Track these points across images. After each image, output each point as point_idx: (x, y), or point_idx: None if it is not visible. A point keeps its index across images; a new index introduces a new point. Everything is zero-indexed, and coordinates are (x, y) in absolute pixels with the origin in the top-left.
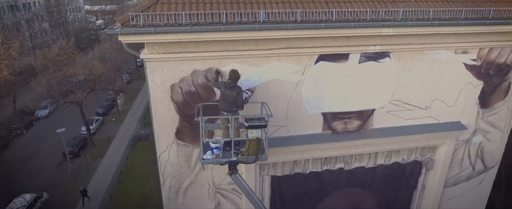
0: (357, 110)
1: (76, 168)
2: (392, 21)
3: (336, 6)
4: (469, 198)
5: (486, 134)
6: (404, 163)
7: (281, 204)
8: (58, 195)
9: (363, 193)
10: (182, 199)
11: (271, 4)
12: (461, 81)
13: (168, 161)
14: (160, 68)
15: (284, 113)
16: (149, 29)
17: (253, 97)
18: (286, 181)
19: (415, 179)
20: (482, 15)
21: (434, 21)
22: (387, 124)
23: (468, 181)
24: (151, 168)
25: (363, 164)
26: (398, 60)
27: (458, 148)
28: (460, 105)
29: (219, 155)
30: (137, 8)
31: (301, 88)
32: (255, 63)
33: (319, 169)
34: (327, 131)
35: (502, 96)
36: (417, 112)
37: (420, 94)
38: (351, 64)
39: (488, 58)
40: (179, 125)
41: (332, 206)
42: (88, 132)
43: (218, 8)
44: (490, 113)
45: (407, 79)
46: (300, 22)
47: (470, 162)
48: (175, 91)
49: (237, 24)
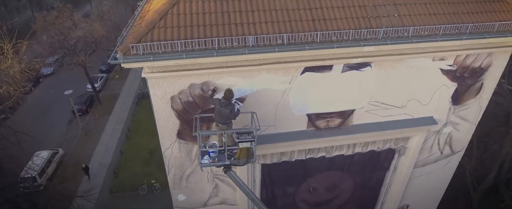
0: (338, 110)
1: (86, 125)
2: (373, 40)
3: (322, 24)
4: (436, 176)
5: (455, 125)
6: (379, 150)
7: (270, 186)
8: (72, 151)
9: (341, 175)
10: (185, 183)
11: (261, 24)
12: (436, 84)
13: (172, 156)
14: (160, 84)
15: (273, 115)
16: (148, 57)
17: (244, 105)
18: (275, 168)
19: (388, 163)
20: (460, 30)
21: (413, 39)
22: (365, 121)
23: (436, 163)
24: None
25: (342, 152)
26: (379, 68)
27: (429, 138)
28: (433, 103)
29: (215, 159)
30: (136, 34)
31: (288, 95)
32: (246, 76)
33: (304, 157)
34: (311, 128)
35: (474, 94)
36: (393, 110)
37: (397, 95)
38: (335, 73)
39: (464, 63)
40: (180, 127)
41: (314, 186)
42: (94, 91)
43: (211, 31)
44: (461, 108)
45: (386, 83)
46: (286, 44)
47: (439, 148)
48: (175, 102)
49: (228, 49)
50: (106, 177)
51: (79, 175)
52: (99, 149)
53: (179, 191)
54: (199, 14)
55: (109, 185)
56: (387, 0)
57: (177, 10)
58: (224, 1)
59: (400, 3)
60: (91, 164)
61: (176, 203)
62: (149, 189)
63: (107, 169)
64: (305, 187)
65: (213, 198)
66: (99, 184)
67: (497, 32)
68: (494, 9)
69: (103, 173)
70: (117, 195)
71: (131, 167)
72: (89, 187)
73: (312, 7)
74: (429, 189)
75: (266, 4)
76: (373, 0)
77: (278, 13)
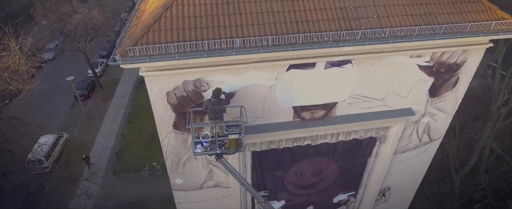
0: (322, 103)
1: (88, 109)
2: (352, 41)
3: (304, 26)
4: (415, 161)
5: (433, 116)
6: (361, 139)
7: (260, 171)
8: (76, 135)
9: (326, 161)
10: (182, 169)
11: (247, 27)
12: (414, 78)
13: (169, 144)
14: (156, 81)
15: (261, 107)
16: (144, 59)
17: (234, 98)
18: (264, 155)
19: (370, 150)
20: (433, 31)
21: (389, 39)
22: (348, 112)
23: (415, 149)
24: None
25: (327, 140)
26: (359, 65)
27: (408, 127)
28: (412, 95)
29: (208, 148)
30: (132, 37)
31: (275, 90)
32: (236, 73)
33: (291, 145)
34: (297, 119)
35: (450, 88)
36: (374, 102)
37: (377, 89)
38: (318, 70)
39: (440, 60)
40: (175, 119)
41: (301, 170)
42: (95, 76)
43: (202, 33)
44: (438, 100)
45: (366, 78)
46: (271, 46)
47: (417, 136)
48: (170, 96)
49: (217, 51)
50: (109, 159)
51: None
52: (102, 133)
53: (177, 176)
54: (190, 17)
55: (113, 167)
56: (367, 2)
57: (170, 13)
58: (214, 5)
59: (379, 4)
60: (94, 147)
61: (174, 186)
62: (150, 171)
63: (110, 152)
64: (292, 171)
65: (208, 182)
66: (103, 166)
67: (470, 32)
68: (469, 10)
69: (106, 156)
70: (120, 177)
71: (133, 150)
72: (93, 169)
73: (296, 9)
74: (409, 173)
75: (253, 7)
76: (354, 2)
77: (264, 16)
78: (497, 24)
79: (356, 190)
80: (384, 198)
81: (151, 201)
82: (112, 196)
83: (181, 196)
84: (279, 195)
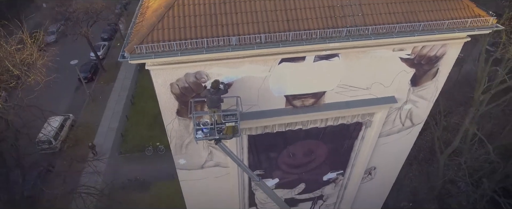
0: (312, 92)
1: (92, 92)
2: (337, 38)
3: (295, 24)
4: (398, 144)
5: (415, 103)
6: (348, 123)
7: (256, 152)
8: (82, 116)
9: (316, 143)
10: (185, 150)
11: (243, 25)
12: (396, 69)
13: (173, 129)
14: (161, 73)
15: (256, 96)
16: (150, 55)
17: (231, 88)
18: (259, 138)
19: (357, 133)
20: (413, 28)
21: (371, 36)
22: (335, 100)
23: (398, 133)
24: None
25: (316, 125)
26: (345, 58)
27: (391, 113)
28: (394, 85)
29: (207, 134)
30: (139, 36)
31: (268, 81)
32: (232, 66)
33: (283, 129)
34: (288, 107)
35: (431, 78)
36: (359, 91)
37: (362, 79)
38: (307, 62)
39: (420, 53)
40: (178, 107)
41: (293, 152)
42: (98, 59)
43: (201, 31)
44: (420, 89)
45: (352, 70)
46: (264, 43)
47: (400, 121)
48: (174, 87)
49: (215, 47)
50: (115, 140)
51: (89, 138)
52: (107, 114)
53: (180, 156)
54: (190, 16)
55: (118, 147)
56: (353, 1)
57: (172, 13)
58: (212, 4)
59: (364, 3)
60: (100, 128)
61: (178, 166)
62: (154, 150)
63: (115, 133)
64: (285, 153)
65: (208, 162)
66: (109, 146)
67: (447, 29)
68: (448, 7)
69: (112, 136)
70: (126, 156)
71: (137, 131)
72: (101, 150)
73: (287, 8)
74: (393, 154)
75: (248, 6)
76: (341, 1)
77: (258, 14)
78: (472, 22)
79: (344, 169)
80: (370, 176)
81: (156, 178)
82: (119, 174)
83: (184, 175)
84: (273, 174)
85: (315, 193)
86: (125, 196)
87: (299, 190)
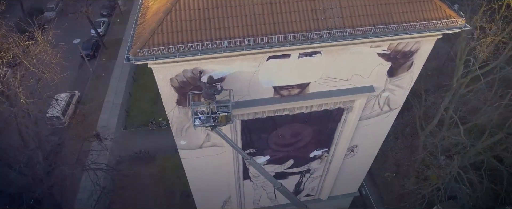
0: (297, 83)
1: (95, 69)
2: (318, 39)
3: (280, 27)
4: (378, 126)
5: (392, 91)
6: (331, 109)
7: (249, 134)
8: (87, 93)
9: (303, 126)
10: (185, 133)
11: (233, 28)
12: (374, 63)
13: (174, 116)
14: (162, 70)
15: (247, 87)
16: (152, 57)
17: (225, 81)
18: (251, 122)
19: (339, 117)
20: (387, 30)
21: (349, 37)
22: (319, 90)
23: (377, 116)
24: None
25: (302, 111)
26: (327, 54)
27: (370, 100)
28: (373, 76)
29: (204, 122)
30: (141, 40)
31: (258, 74)
32: (225, 63)
33: (272, 115)
34: (276, 96)
35: (406, 69)
36: (341, 82)
37: (343, 72)
38: (292, 59)
39: (396, 48)
40: (178, 98)
41: (282, 133)
42: (99, 36)
43: (196, 35)
44: (396, 79)
45: (334, 64)
46: (252, 45)
47: (379, 106)
48: (173, 81)
49: (209, 50)
50: (119, 115)
51: (95, 114)
52: (110, 91)
53: (181, 138)
54: (186, 21)
55: (123, 122)
56: (334, 4)
57: (170, 18)
58: (206, 9)
59: (344, 6)
60: (105, 104)
61: (179, 146)
62: (157, 125)
63: (120, 109)
64: (275, 134)
65: (206, 143)
66: (114, 121)
67: (418, 30)
68: (421, 9)
69: (116, 112)
70: (130, 130)
71: (140, 106)
72: (106, 124)
73: (274, 12)
74: (373, 134)
75: (238, 10)
76: (323, 4)
77: (247, 18)
78: (442, 22)
79: (328, 148)
80: (353, 153)
81: (159, 151)
82: (125, 148)
83: (185, 153)
84: (264, 152)
85: (303, 168)
86: (131, 168)
87: (288, 165)
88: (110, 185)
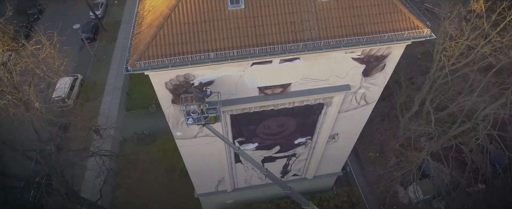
0: (279, 84)
1: (96, 52)
2: (295, 50)
3: (261, 39)
4: (356, 117)
5: (367, 88)
6: (312, 104)
7: (238, 126)
8: (89, 76)
9: (287, 118)
10: (180, 126)
11: (220, 41)
12: (349, 66)
13: (170, 112)
14: (157, 75)
15: (234, 88)
16: (148, 68)
17: (213, 84)
18: (240, 116)
19: (320, 111)
20: (359, 40)
21: (323, 48)
22: (300, 89)
23: (355, 109)
24: None
25: (286, 106)
26: (306, 60)
27: (348, 96)
28: (349, 76)
29: (196, 120)
30: (138, 53)
31: (243, 77)
32: (214, 68)
33: (259, 110)
34: (261, 94)
35: (380, 70)
36: (319, 82)
37: (321, 73)
38: (274, 64)
39: (369, 53)
40: (173, 98)
41: (268, 124)
42: (97, 19)
43: (186, 47)
44: (371, 79)
45: (312, 67)
46: (236, 56)
47: (356, 101)
48: (168, 85)
49: (197, 61)
50: (121, 97)
51: (99, 96)
52: (112, 73)
53: (177, 130)
54: (177, 34)
55: (125, 104)
56: (311, 16)
57: (163, 32)
58: (195, 24)
59: (321, 18)
60: (107, 86)
61: (176, 136)
62: (157, 108)
63: (121, 91)
64: (262, 125)
65: (199, 134)
66: (116, 103)
67: (387, 40)
68: (391, 20)
69: (118, 94)
70: (132, 112)
71: (141, 89)
72: (109, 105)
73: (256, 25)
74: (352, 124)
75: (223, 24)
76: (301, 17)
77: (231, 31)
78: (409, 33)
79: (311, 136)
80: (334, 139)
81: (160, 132)
82: (127, 129)
83: (181, 142)
84: (253, 140)
85: (289, 152)
86: (133, 148)
87: (275, 150)
88: (115, 168)
